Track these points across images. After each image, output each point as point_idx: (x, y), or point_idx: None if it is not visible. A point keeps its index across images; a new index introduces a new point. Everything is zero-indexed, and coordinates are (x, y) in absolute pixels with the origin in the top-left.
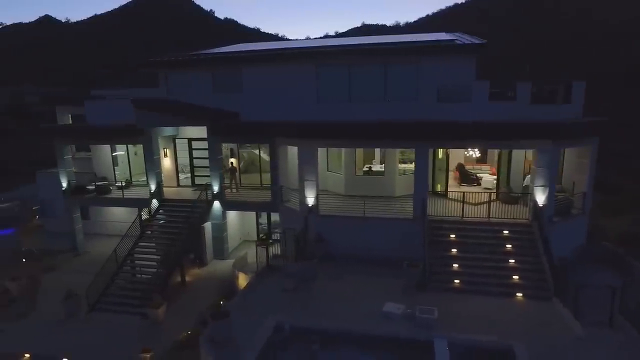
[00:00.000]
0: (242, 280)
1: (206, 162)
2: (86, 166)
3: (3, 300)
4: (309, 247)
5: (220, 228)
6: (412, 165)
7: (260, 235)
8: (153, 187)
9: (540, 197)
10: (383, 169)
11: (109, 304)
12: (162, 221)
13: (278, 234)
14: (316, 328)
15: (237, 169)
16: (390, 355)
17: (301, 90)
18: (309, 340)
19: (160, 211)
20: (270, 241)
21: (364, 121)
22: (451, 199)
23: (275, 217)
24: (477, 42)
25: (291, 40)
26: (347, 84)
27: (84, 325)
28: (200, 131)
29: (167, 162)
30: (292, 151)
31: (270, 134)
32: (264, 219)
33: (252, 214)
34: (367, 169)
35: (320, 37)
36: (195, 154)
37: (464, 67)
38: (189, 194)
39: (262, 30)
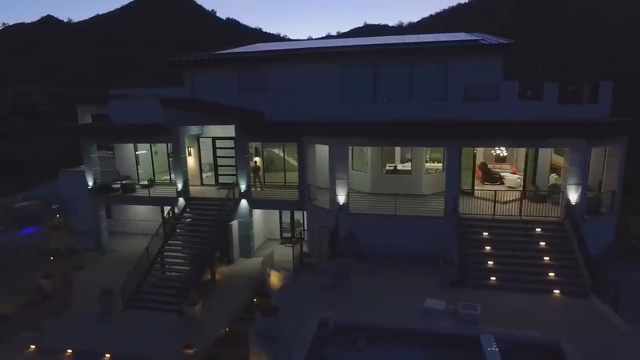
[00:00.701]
0: (274, 278)
1: (229, 161)
2: (108, 165)
3: (37, 298)
4: (339, 245)
5: (247, 226)
6: (437, 164)
7: (296, 234)
8: (180, 185)
9: (573, 196)
10: (410, 168)
11: (143, 301)
12: (189, 219)
13: (305, 233)
14: (360, 324)
15: (261, 168)
16: (436, 351)
17: (326, 90)
18: (353, 336)
19: (187, 210)
20: (294, 239)
21: (390, 120)
22: (477, 197)
23: (298, 215)
24: (504, 42)
25: (316, 39)
26: (372, 84)
27: (120, 321)
28: (225, 130)
29: (191, 161)
30: (320, 150)
31: (299, 132)
32: (285, 218)
33: (276, 213)
34: (393, 167)
35: (322, 37)
36: (219, 152)
37: (491, 67)
38: (212, 192)
39: (263, 30)
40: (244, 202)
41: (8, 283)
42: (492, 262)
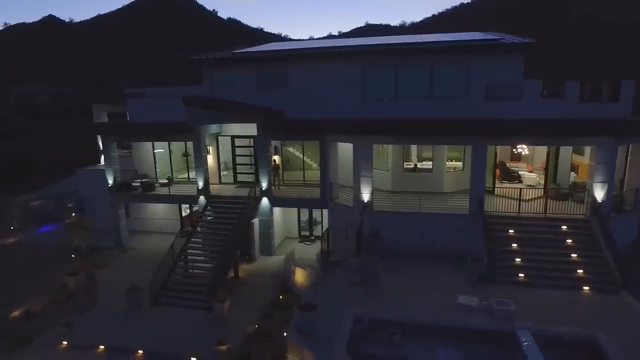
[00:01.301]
0: (300, 275)
1: (248, 160)
2: (124, 164)
3: (63, 295)
4: (364, 242)
5: (268, 224)
6: (455, 163)
7: (320, 233)
8: (201, 183)
9: (599, 193)
10: (430, 166)
11: (169, 298)
12: (210, 217)
13: (328, 231)
14: (395, 320)
15: (280, 167)
16: (472, 347)
17: (347, 88)
18: (389, 332)
19: (208, 208)
20: (312, 238)
21: (418, 119)
22: (498, 195)
23: (315, 214)
24: (526, 40)
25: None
26: (393, 82)
27: (148, 318)
28: (244, 129)
29: (209, 160)
30: (341, 148)
31: (322, 131)
32: (303, 216)
33: (294, 211)
34: (413, 166)
35: (324, 37)
36: (237, 151)
37: (512, 66)
38: (231, 191)
39: (265, 30)
40: (265, 200)
41: (32, 281)
42: (519, 259)
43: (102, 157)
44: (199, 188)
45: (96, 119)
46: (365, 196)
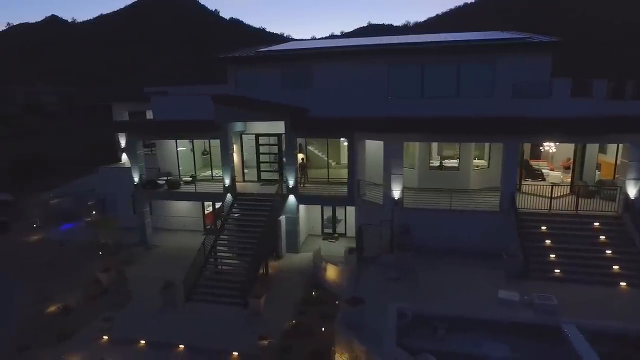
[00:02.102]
0: (331, 272)
1: (272, 158)
2: (147, 162)
3: (96, 291)
4: (395, 239)
5: (294, 222)
6: (479, 161)
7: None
8: (227, 181)
9: (632, 190)
10: (456, 164)
11: (202, 294)
12: (237, 215)
13: (358, 228)
14: (438, 314)
15: (306, 164)
16: (517, 341)
17: (372, 87)
18: (433, 326)
19: (235, 205)
20: (336, 235)
21: (437, 117)
22: (525, 193)
23: (339, 211)
24: (553, 39)
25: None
26: (419, 81)
27: (184, 314)
28: (268, 127)
29: (235, 158)
30: (369, 146)
31: (351, 129)
32: (325, 214)
33: (317, 209)
34: (439, 164)
35: (326, 37)
36: (261, 149)
37: (540, 65)
38: (255, 188)
39: (267, 30)
40: (291, 198)
41: (62, 277)
42: (553, 255)
43: (123, 155)
44: (226, 185)
45: (116, 117)
46: (396, 193)
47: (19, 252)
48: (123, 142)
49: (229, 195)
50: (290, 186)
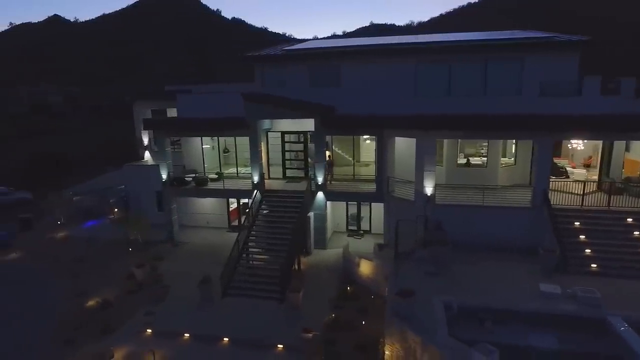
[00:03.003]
0: (364, 267)
1: (298, 155)
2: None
3: (132, 286)
4: (428, 234)
5: (322, 218)
6: (505, 159)
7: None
8: (256, 178)
9: None
10: (483, 161)
11: (237, 289)
12: (265, 211)
13: (387, 223)
14: (483, 306)
15: (333, 162)
16: (562, 332)
17: (399, 85)
18: (480, 318)
19: (264, 202)
20: (361, 232)
21: (464, 115)
22: (551, 190)
23: (363, 208)
24: (581, 38)
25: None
26: (446, 79)
27: (223, 308)
28: (294, 124)
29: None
30: (398, 143)
31: (381, 126)
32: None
33: (342, 206)
34: (466, 161)
35: (328, 37)
36: (287, 146)
37: (568, 63)
38: (280, 185)
39: (269, 30)
40: (320, 195)
41: (94, 273)
42: (589, 250)
43: (146, 153)
44: (254, 182)
45: (139, 115)
46: (429, 190)
47: (47, 249)
48: (146, 140)
49: (257, 192)
50: (319, 183)
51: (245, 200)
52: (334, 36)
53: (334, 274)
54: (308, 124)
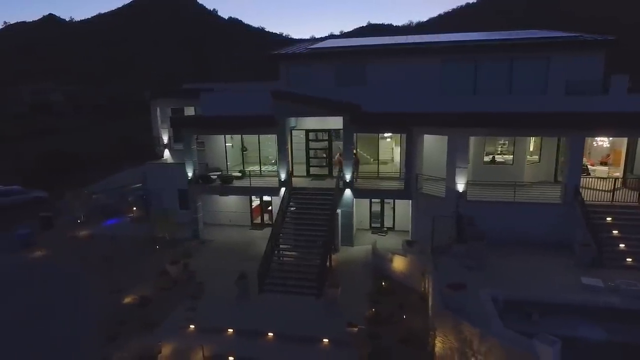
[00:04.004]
0: (398, 263)
1: (322, 153)
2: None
3: (167, 283)
4: (460, 230)
5: (349, 215)
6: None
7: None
8: (283, 176)
9: None
10: (509, 158)
11: (273, 285)
12: (292, 208)
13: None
14: (528, 299)
15: (359, 159)
16: (609, 325)
17: (424, 83)
18: (526, 311)
19: (291, 199)
20: (385, 229)
21: (518, 112)
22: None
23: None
24: (607, 38)
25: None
26: (472, 77)
27: (262, 303)
28: (319, 123)
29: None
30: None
31: (411, 123)
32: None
33: (365, 204)
34: (491, 158)
35: (325, 37)
36: (311, 145)
37: (593, 62)
38: (305, 183)
39: (266, 30)
40: (348, 192)
41: (125, 270)
42: (623, 245)
43: (165, 151)
44: (281, 180)
45: (154, 114)
46: (460, 186)
47: (71, 247)
48: (165, 138)
49: (283, 189)
50: (347, 180)
51: (268, 198)
52: (331, 36)
53: (366, 270)
54: (332, 122)
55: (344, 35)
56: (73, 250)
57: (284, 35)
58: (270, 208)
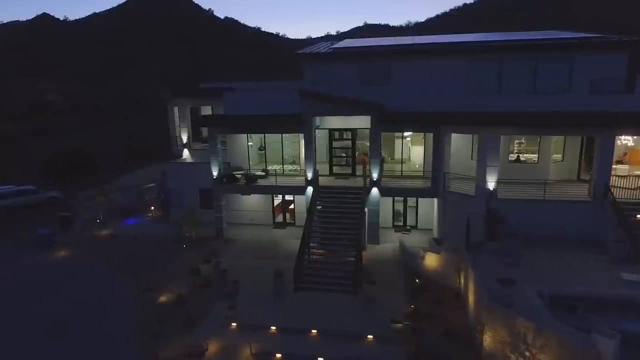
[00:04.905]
0: (430, 260)
1: (343, 152)
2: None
3: (200, 281)
4: (491, 228)
5: (376, 214)
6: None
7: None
8: (310, 174)
9: None
10: (534, 157)
11: (309, 283)
12: (319, 207)
13: (440, 218)
14: (573, 294)
15: (383, 158)
16: None
17: (449, 83)
18: (571, 305)
19: (319, 198)
20: (408, 227)
21: (548, 111)
22: None
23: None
24: (634, 38)
25: (440, 35)
26: (496, 77)
27: (300, 301)
28: (341, 122)
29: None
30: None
31: (439, 122)
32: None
33: (388, 202)
34: (516, 157)
35: (322, 37)
36: (335, 144)
37: (617, 62)
38: (328, 181)
39: (262, 30)
40: (374, 191)
41: (153, 269)
42: None
43: (185, 151)
44: (308, 179)
45: (171, 113)
46: (491, 185)
47: (94, 247)
48: (185, 138)
49: (309, 188)
50: (374, 179)
51: (290, 198)
52: (328, 36)
53: (396, 267)
54: (356, 121)
55: (340, 35)
56: (97, 249)
57: (280, 35)
58: (292, 207)
